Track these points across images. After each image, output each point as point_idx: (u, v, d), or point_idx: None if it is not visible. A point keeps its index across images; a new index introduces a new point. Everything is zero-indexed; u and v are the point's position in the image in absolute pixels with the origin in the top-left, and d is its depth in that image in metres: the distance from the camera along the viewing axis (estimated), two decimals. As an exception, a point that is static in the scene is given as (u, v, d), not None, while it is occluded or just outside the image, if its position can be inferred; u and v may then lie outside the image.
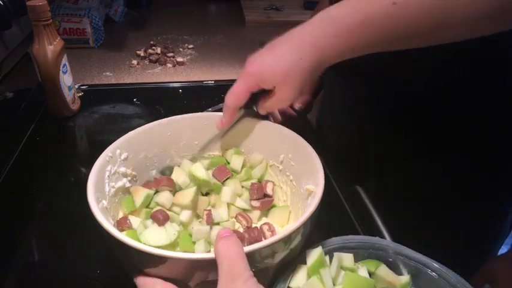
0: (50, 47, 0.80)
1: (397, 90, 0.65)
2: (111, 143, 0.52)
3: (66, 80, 0.85)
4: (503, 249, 0.80)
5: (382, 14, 0.45)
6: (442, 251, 0.48)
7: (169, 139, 0.58)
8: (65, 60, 0.84)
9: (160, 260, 0.38)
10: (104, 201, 0.47)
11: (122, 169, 0.53)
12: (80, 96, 0.93)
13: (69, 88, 0.86)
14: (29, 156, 0.77)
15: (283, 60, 0.48)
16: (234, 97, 0.52)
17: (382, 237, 0.61)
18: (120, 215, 0.52)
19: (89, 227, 0.42)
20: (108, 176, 0.50)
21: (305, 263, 0.44)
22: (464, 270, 0.45)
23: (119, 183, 0.52)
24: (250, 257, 0.36)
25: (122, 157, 0.53)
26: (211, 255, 0.36)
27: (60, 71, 0.83)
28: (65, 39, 0.85)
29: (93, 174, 0.47)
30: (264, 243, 0.38)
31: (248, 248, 0.37)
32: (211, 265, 0.36)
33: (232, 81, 0.52)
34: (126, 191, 0.54)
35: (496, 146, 0.66)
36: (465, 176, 0.67)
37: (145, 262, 0.40)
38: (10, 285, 0.53)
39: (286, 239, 0.39)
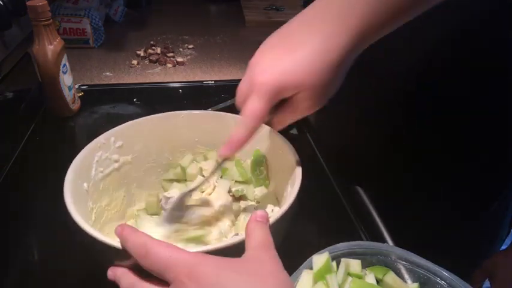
0: (50, 47, 0.80)
1: (396, 89, 0.65)
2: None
3: (66, 80, 0.85)
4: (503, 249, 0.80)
5: None
6: (441, 250, 0.48)
7: (167, 134, 0.59)
8: (65, 60, 0.84)
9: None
10: (85, 184, 0.50)
11: (115, 156, 0.55)
12: (80, 96, 0.93)
13: (69, 88, 0.86)
14: (29, 156, 0.77)
15: (306, 58, 0.39)
16: (254, 120, 0.40)
17: (382, 237, 0.61)
18: (105, 201, 0.53)
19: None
20: (97, 161, 0.52)
21: (311, 268, 0.43)
22: (464, 271, 0.45)
23: (108, 170, 0.54)
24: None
25: (116, 145, 0.55)
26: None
27: (60, 71, 0.83)
28: (65, 39, 0.85)
29: (79, 158, 0.50)
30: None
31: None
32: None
33: (232, 81, 0.51)
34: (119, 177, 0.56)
35: (495, 146, 0.66)
36: (465, 176, 0.67)
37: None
38: (10, 285, 0.54)
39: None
